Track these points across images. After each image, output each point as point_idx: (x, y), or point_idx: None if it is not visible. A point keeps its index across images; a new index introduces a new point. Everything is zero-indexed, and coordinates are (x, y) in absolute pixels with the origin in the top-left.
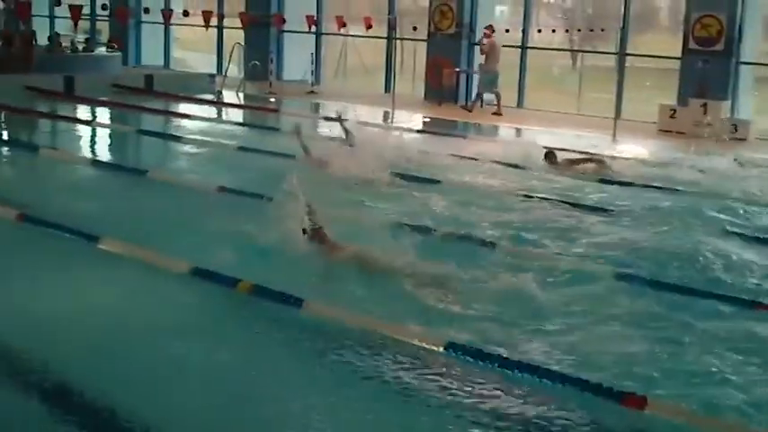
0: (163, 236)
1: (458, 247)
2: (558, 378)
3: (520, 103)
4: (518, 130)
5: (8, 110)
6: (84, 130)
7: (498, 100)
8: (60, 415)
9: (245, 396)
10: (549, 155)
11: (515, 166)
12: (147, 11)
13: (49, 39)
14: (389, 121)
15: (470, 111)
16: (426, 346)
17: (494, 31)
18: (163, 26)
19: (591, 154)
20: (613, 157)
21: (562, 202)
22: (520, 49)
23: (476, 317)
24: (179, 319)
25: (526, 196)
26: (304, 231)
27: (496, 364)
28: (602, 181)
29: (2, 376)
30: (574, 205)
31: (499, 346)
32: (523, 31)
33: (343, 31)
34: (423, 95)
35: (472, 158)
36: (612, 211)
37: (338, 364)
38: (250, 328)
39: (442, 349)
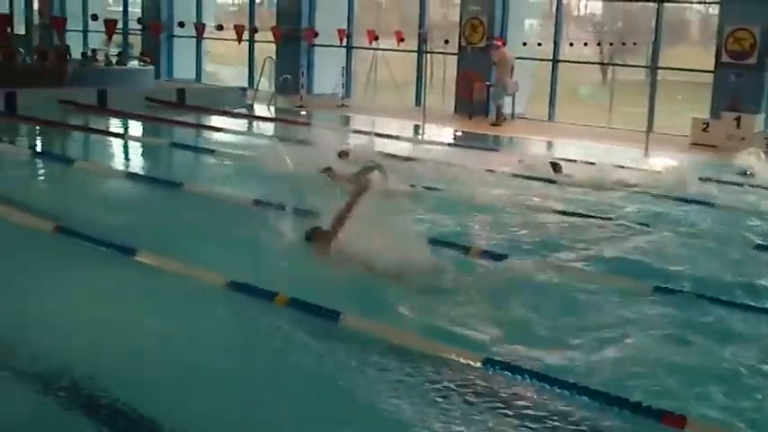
0: (199, 249)
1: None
2: (596, 395)
3: (551, 117)
4: (549, 144)
5: (43, 123)
6: (118, 143)
7: (497, 112)
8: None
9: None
10: (555, 166)
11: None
12: (182, 25)
13: (83, 54)
14: (420, 134)
15: (499, 125)
16: (463, 361)
17: (505, 43)
18: (194, 40)
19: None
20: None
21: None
22: (551, 63)
23: (510, 331)
24: (215, 332)
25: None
26: (307, 236)
27: (533, 380)
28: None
29: (37, 383)
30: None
31: (534, 360)
32: (555, 45)
33: (374, 45)
34: (453, 109)
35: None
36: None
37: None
38: (287, 340)
39: (479, 364)
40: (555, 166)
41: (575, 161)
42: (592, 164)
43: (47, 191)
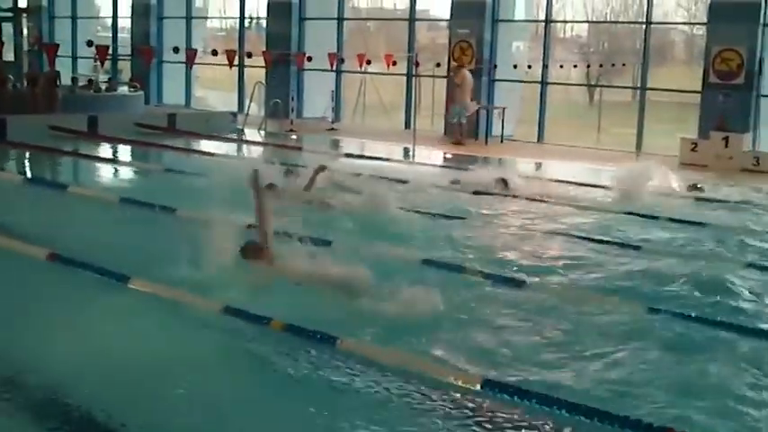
0: (192, 274)
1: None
2: (597, 415)
3: (540, 138)
4: (538, 165)
5: (34, 149)
6: (109, 169)
7: (462, 131)
8: None
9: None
10: (501, 182)
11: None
12: (176, 50)
13: (73, 80)
14: (411, 157)
15: (462, 143)
16: (462, 385)
17: (463, 65)
18: (183, 65)
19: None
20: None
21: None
22: (540, 85)
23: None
24: (213, 357)
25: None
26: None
27: (534, 401)
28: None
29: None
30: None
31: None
32: (544, 67)
33: (363, 68)
34: (442, 132)
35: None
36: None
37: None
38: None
39: (478, 387)
40: (500, 182)
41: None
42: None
43: (39, 217)
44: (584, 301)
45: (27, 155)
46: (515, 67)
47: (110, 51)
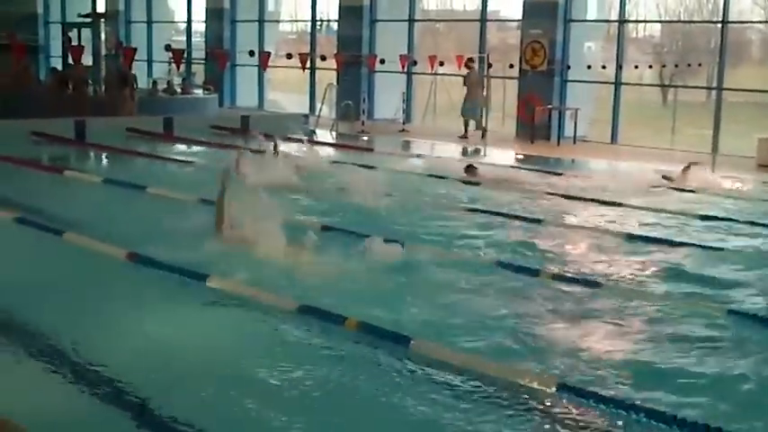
0: (269, 274)
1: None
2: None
3: (614, 139)
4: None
5: (112, 150)
6: (186, 170)
7: (477, 127)
8: None
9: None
10: (469, 168)
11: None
12: (252, 53)
13: (153, 83)
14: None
15: (467, 137)
16: (536, 387)
17: (473, 61)
18: (256, 68)
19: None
20: None
21: None
22: (614, 85)
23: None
24: (288, 355)
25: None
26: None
27: (611, 406)
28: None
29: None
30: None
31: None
32: (618, 68)
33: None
34: (514, 133)
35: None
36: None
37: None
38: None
39: (553, 390)
40: (469, 169)
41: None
42: None
43: (117, 218)
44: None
45: (105, 156)
46: (589, 67)
47: (184, 55)
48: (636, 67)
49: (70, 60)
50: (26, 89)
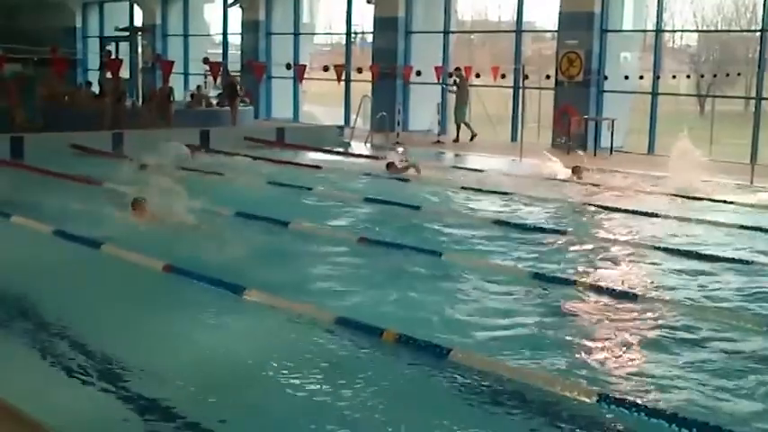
0: (309, 286)
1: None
2: None
3: (651, 149)
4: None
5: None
6: (220, 182)
7: (468, 127)
8: None
9: None
10: (390, 165)
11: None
12: (289, 66)
13: (192, 96)
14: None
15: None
16: (577, 397)
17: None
18: (291, 80)
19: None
20: None
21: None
22: (650, 95)
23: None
24: (325, 366)
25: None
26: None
27: (651, 417)
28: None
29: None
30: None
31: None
32: (656, 78)
33: (470, 81)
34: (549, 143)
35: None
36: None
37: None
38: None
39: (594, 400)
40: (389, 165)
41: None
42: None
43: (155, 230)
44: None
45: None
46: (627, 77)
47: (221, 68)
48: (674, 77)
49: (108, 74)
50: (65, 102)
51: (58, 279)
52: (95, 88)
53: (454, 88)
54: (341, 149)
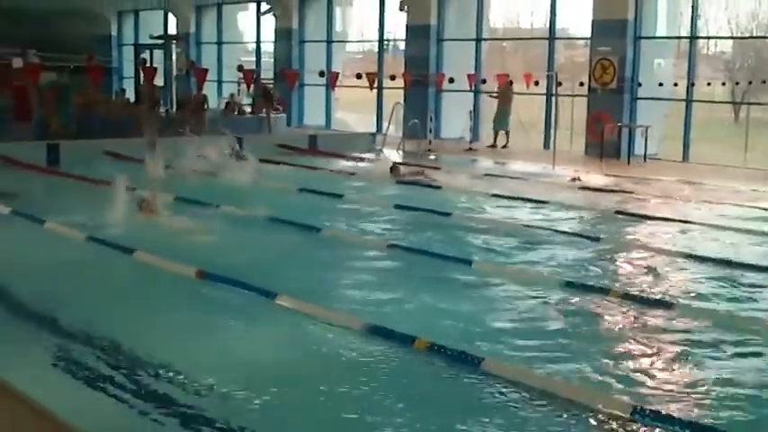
0: (338, 293)
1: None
2: None
3: (685, 157)
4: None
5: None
6: (254, 188)
7: (507, 137)
8: None
9: None
10: (393, 169)
11: None
12: (322, 74)
13: (227, 104)
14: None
15: (495, 146)
16: (612, 410)
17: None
18: (323, 88)
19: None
20: None
21: None
22: (685, 103)
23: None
24: (355, 376)
25: None
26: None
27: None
28: None
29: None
30: None
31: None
32: (691, 84)
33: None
34: (583, 151)
35: None
36: None
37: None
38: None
39: (629, 413)
40: (393, 169)
41: None
42: None
43: (188, 236)
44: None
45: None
46: (661, 84)
47: (254, 75)
48: (708, 84)
49: (142, 81)
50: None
51: (92, 283)
52: (130, 96)
53: (495, 94)
54: (373, 156)
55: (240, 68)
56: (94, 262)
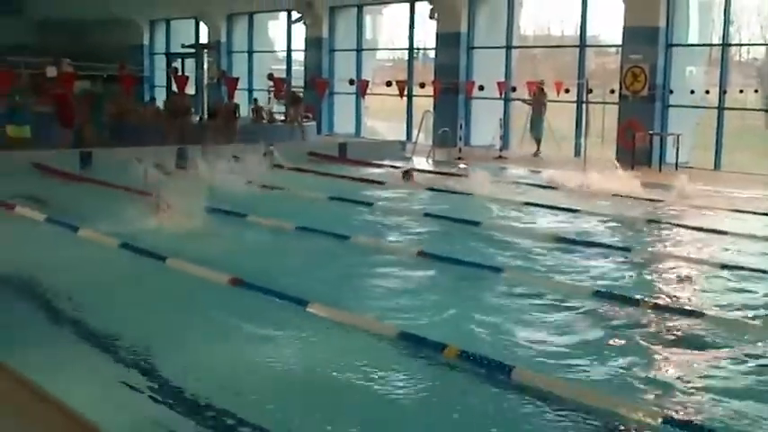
0: (368, 300)
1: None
2: None
3: (717, 165)
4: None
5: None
6: (286, 197)
7: (538, 143)
8: None
9: None
10: (406, 174)
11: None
12: (351, 82)
13: (254, 111)
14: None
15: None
16: (642, 419)
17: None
18: (353, 96)
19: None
20: None
21: None
22: (717, 110)
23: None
24: (385, 383)
25: None
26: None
27: None
28: None
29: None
30: None
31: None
32: (723, 92)
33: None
34: (613, 158)
35: None
36: None
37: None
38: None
39: (659, 422)
40: (406, 174)
41: None
42: None
43: (222, 244)
44: None
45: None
46: (692, 92)
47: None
48: (741, 91)
49: (174, 89)
50: (132, 118)
51: (120, 289)
52: (161, 104)
53: (529, 100)
54: (403, 165)
55: (270, 77)
56: (125, 268)
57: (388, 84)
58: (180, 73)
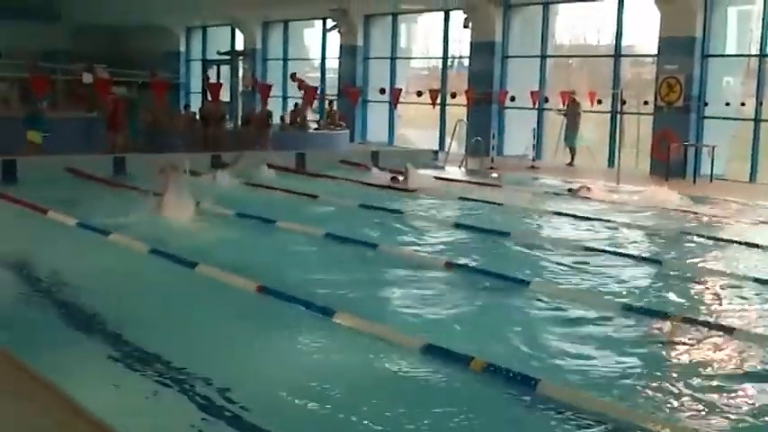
0: (395, 310)
1: None
2: None
3: (753, 178)
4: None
5: (249, 185)
6: (316, 204)
7: (572, 153)
8: None
9: None
10: (394, 179)
11: None
12: (383, 91)
13: (288, 118)
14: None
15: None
16: None
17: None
18: (386, 104)
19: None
20: None
21: None
22: (753, 122)
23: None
24: (411, 395)
25: None
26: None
27: None
28: None
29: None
30: None
31: None
32: (759, 104)
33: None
34: (648, 169)
35: None
36: None
37: None
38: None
39: None
40: (394, 179)
41: None
42: None
43: (250, 251)
44: None
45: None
46: (728, 104)
47: (318, 91)
48: None
49: (209, 97)
50: (167, 124)
51: (148, 296)
52: (196, 111)
53: (563, 110)
54: (435, 174)
55: (293, 77)
56: (154, 274)
57: (419, 93)
58: (214, 80)
